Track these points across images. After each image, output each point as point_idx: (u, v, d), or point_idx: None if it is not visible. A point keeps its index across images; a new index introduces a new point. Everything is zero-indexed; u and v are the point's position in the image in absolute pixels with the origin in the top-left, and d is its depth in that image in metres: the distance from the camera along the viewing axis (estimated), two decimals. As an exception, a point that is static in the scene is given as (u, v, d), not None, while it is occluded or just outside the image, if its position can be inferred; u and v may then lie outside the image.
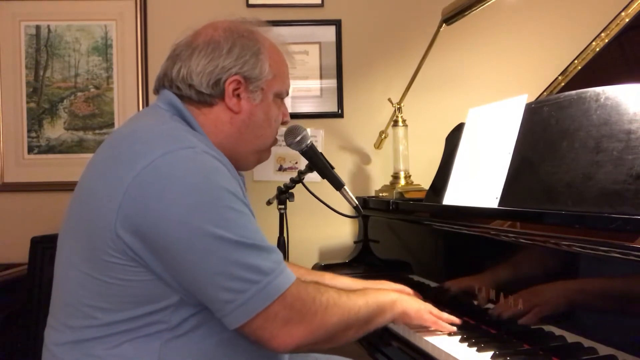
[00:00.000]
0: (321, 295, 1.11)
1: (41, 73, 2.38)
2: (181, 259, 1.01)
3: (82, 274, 1.07)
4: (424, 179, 2.09)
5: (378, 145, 2.32)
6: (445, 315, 1.34)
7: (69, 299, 1.10)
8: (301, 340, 1.07)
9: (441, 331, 1.31)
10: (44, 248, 1.90)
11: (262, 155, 1.33)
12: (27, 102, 2.37)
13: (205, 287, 1.02)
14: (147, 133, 1.11)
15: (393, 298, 1.29)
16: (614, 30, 1.68)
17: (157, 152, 1.03)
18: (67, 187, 2.29)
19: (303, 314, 1.07)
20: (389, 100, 2.22)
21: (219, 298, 1.02)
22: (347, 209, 1.86)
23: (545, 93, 1.83)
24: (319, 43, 2.44)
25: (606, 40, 1.69)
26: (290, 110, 1.41)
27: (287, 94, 1.36)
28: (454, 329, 1.31)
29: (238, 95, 1.22)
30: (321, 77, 2.44)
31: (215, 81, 1.20)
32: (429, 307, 1.33)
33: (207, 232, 1.01)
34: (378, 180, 2.43)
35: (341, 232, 2.40)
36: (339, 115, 2.44)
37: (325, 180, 1.74)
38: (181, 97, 1.22)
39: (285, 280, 1.06)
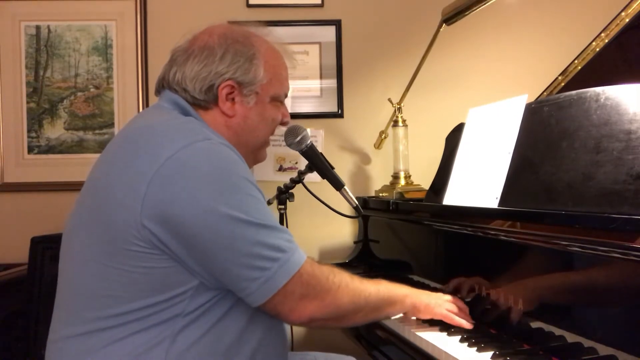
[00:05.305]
0: (334, 276, 1.20)
1: (41, 73, 2.38)
2: (209, 244, 1.07)
3: (99, 265, 1.09)
4: (424, 179, 2.09)
5: (378, 145, 2.32)
6: (463, 309, 1.35)
7: (82, 290, 1.11)
8: (313, 314, 1.16)
9: (459, 325, 1.31)
10: (44, 248, 1.90)
11: (257, 154, 1.37)
12: (27, 102, 2.37)
13: (232, 269, 1.08)
14: (163, 127, 1.15)
15: (405, 292, 1.33)
16: (614, 30, 1.67)
17: (177, 144, 1.08)
18: (67, 187, 2.30)
19: (317, 290, 1.16)
20: (389, 100, 2.22)
21: (245, 277, 1.09)
22: (347, 209, 1.86)
23: (545, 93, 1.83)
24: (319, 43, 2.44)
25: (606, 40, 1.69)
26: (290, 111, 1.41)
27: (286, 96, 1.38)
28: (470, 325, 1.31)
29: (232, 100, 1.26)
30: (321, 77, 2.44)
31: (208, 87, 1.24)
32: (442, 302, 1.34)
33: (232, 217, 1.07)
34: (378, 180, 2.43)
35: (341, 232, 2.40)
36: (339, 115, 2.44)
37: (325, 180, 1.74)
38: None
39: (300, 258, 1.15)
